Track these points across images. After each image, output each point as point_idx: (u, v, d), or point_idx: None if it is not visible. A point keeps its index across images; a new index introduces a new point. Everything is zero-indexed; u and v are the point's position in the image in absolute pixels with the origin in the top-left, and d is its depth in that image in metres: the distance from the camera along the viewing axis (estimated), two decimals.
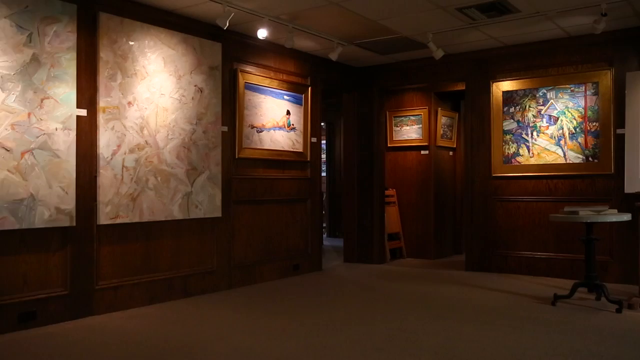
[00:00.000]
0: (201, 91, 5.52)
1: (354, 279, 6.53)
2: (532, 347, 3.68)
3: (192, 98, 5.44)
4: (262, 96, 6.22)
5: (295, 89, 6.65)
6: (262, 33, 5.63)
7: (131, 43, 4.91)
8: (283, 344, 3.82)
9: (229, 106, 5.86)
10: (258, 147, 6.17)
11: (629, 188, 5.08)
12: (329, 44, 6.29)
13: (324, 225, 10.73)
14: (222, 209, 5.73)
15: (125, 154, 4.84)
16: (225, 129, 5.81)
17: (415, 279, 6.43)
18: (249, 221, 6.12)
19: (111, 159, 4.73)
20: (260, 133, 6.20)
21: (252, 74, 6.10)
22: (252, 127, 6.10)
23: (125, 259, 4.91)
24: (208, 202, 5.58)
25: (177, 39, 5.31)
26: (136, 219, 4.93)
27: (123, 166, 4.82)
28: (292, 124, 6.61)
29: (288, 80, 6.59)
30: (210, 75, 5.61)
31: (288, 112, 6.54)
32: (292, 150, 6.60)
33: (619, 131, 5.86)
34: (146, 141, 5.02)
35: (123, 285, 4.88)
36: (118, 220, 4.79)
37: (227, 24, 5.08)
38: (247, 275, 6.07)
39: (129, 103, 4.89)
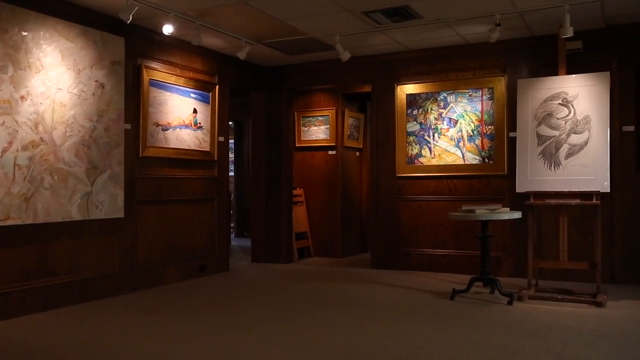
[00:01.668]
0: (102, 87, 5.30)
1: (262, 278, 6.52)
2: (432, 340, 3.84)
3: (93, 94, 5.21)
4: (168, 93, 6.07)
5: (202, 87, 6.54)
6: (167, 29, 5.49)
7: (24, 34, 4.63)
8: (190, 346, 3.75)
9: (133, 103, 5.66)
10: (163, 146, 6.01)
11: (519, 188, 5.42)
12: (237, 42, 6.23)
13: (232, 225, 10.63)
14: (124, 210, 5.53)
15: (17, 151, 4.55)
16: (129, 126, 5.61)
17: (323, 278, 6.51)
18: (154, 222, 5.95)
19: (1, 156, 4.43)
20: (166, 131, 6.04)
21: (157, 71, 5.94)
22: (157, 125, 5.93)
23: (16, 263, 4.61)
24: (109, 203, 5.37)
25: (76, 31, 5.06)
26: (29, 221, 4.65)
27: (15, 164, 4.53)
28: (199, 123, 6.49)
29: (195, 77, 6.46)
30: (112, 71, 5.40)
31: (195, 111, 6.42)
32: (198, 149, 6.48)
33: (511, 134, 6.24)
34: (41, 138, 4.74)
35: (14, 291, 4.58)
36: (9, 222, 4.49)
37: (131, 18, 4.90)
38: (152, 277, 5.89)
39: (22, 97, 4.60)
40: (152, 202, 5.91)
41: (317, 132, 8.31)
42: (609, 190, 5.10)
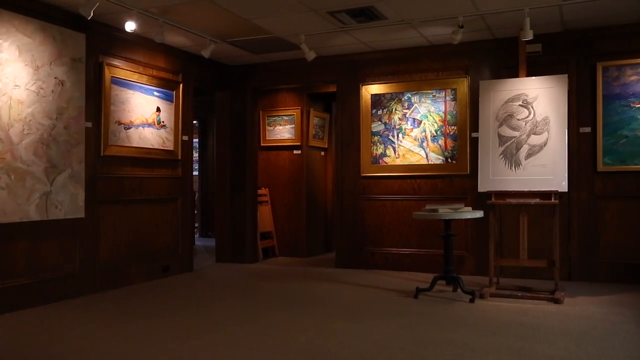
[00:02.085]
0: (62, 84, 5.18)
1: (226, 278, 6.48)
2: (396, 339, 3.88)
3: (52, 91, 5.09)
4: (131, 91, 5.97)
5: (165, 85, 6.45)
6: (130, 26, 5.40)
7: None
8: (152, 350, 3.69)
9: (94, 101, 5.55)
10: (126, 145, 5.91)
11: (481, 187, 5.51)
12: (202, 40, 6.17)
13: (196, 225, 10.52)
14: (85, 209, 5.42)
15: None
16: (90, 124, 5.50)
17: (287, 277, 6.51)
18: (116, 222, 5.84)
19: None
20: (128, 130, 5.94)
21: (119, 68, 5.83)
22: (120, 123, 5.83)
23: None
24: (70, 202, 5.25)
25: (34, 26, 4.93)
26: None
27: None
28: (163, 121, 6.40)
29: (158, 76, 6.37)
30: (72, 68, 5.28)
31: (158, 109, 6.33)
32: (162, 148, 6.39)
33: (473, 135, 6.34)
34: None
35: None
36: None
37: (92, 14, 4.80)
38: (114, 278, 5.79)
39: None
40: (114, 202, 5.81)
41: (282, 131, 8.29)
42: (566, 190, 5.23)
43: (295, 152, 8.23)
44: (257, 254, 7.79)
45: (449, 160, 6.55)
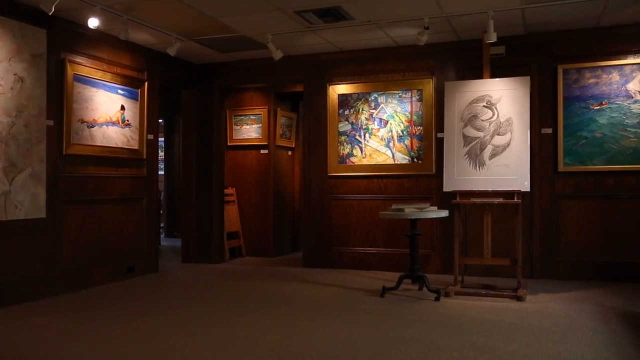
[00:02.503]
0: (22, 81, 5.05)
1: (192, 279, 6.41)
2: (362, 337, 3.90)
3: (11, 88, 4.96)
4: (94, 89, 5.86)
5: (130, 83, 6.35)
6: (93, 22, 5.30)
7: None
8: (116, 352, 3.63)
9: (56, 99, 5.43)
10: (89, 144, 5.79)
11: (447, 187, 5.59)
12: (167, 38, 6.10)
13: (162, 225, 10.39)
14: (46, 210, 5.30)
15: None
16: (51, 123, 5.37)
17: (254, 277, 6.48)
18: (79, 222, 5.73)
19: None
20: (92, 128, 5.83)
21: (82, 65, 5.72)
22: (83, 121, 5.71)
23: None
24: (30, 202, 5.13)
25: None
26: None
27: None
28: (127, 120, 6.30)
29: (123, 73, 6.27)
30: (32, 64, 5.16)
31: (122, 107, 6.23)
32: (126, 147, 6.29)
33: (439, 135, 6.42)
34: None
35: None
36: None
37: (53, 9, 4.70)
38: (77, 279, 5.67)
39: None
40: (76, 202, 5.69)
41: (249, 131, 8.26)
42: (529, 190, 5.34)
43: (262, 151, 8.20)
44: (223, 254, 7.73)
45: (415, 160, 6.62)
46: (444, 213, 5.37)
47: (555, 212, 6.12)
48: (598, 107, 5.93)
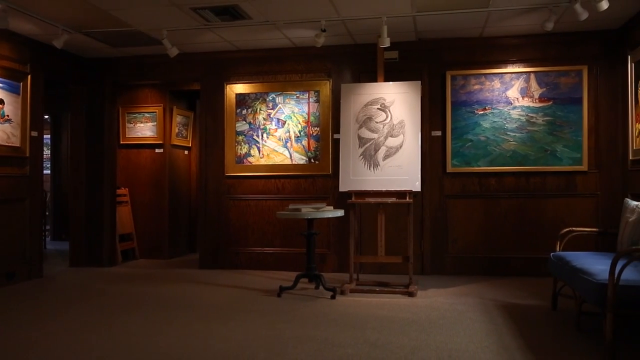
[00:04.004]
0: None
1: (82, 284, 6.10)
2: (258, 338, 3.90)
3: None
4: None
5: (10, 76, 5.93)
6: None
7: None
8: None
9: None
10: None
11: (342, 187, 5.71)
12: (54, 29, 5.76)
13: (48, 227, 9.79)
14: None
15: None
16: None
17: (149, 280, 6.28)
18: None
19: None
20: None
21: None
22: None
23: None
24: None
25: None
26: None
27: None
28: (7, 115, 5.88)
29: (1, 65, 5.84)
30: None
31: (2, 102, 5.81)
32: (6, 144, 5.87)
33: (335, 136, 6.55)
34: None
35: None
36: None
37: None
38: None
39: None
40: None
41: (143, 129, 7.98)
42: (420, 190, 5.58)
43: (157, 150, 7.96)
44: (115, 256, 7.42)
45: (312, 160, 6.71)
46: (340, 213, 5.49)
47: (443, 211, 6.45)
48: (482, 112, 6.31)
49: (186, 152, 8.57)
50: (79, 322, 4.37)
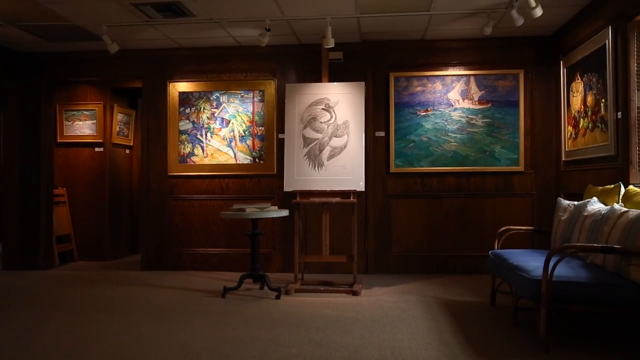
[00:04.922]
0: None
1: (14, 287, 5.85)
2: (202, 339, 3.85)
3: None
4: None
5: None
6: None
7: None
8: None
9: None
10: None
11: (287, 187, 5.71)
12: None
13: None
14: None
15: None
16: None
17: (88, 283, 6.09)
18: None
19: None
20: None
21: None
22: None
23: None
24: None
25: None
26: None
27: None
28: None
29: None
30: None
31: None
32: None
33: (280, 136, 6.55)
34: None
35: None
36: None
37: None
38: None
39: None
40: None
41: (82, 127, 7.74)
42: (364, 189, 5.65)
43: (97, 149, 7.73)
44: (52, 259, 7.17)
45: (257, 160, 6.68)
46: (285, 212, 5.48)
47: (387, 210, 6.54)
48: (424, 113, 6.45)
49: (128, 151, 8.37)
50: (10, 328, 4.19)
